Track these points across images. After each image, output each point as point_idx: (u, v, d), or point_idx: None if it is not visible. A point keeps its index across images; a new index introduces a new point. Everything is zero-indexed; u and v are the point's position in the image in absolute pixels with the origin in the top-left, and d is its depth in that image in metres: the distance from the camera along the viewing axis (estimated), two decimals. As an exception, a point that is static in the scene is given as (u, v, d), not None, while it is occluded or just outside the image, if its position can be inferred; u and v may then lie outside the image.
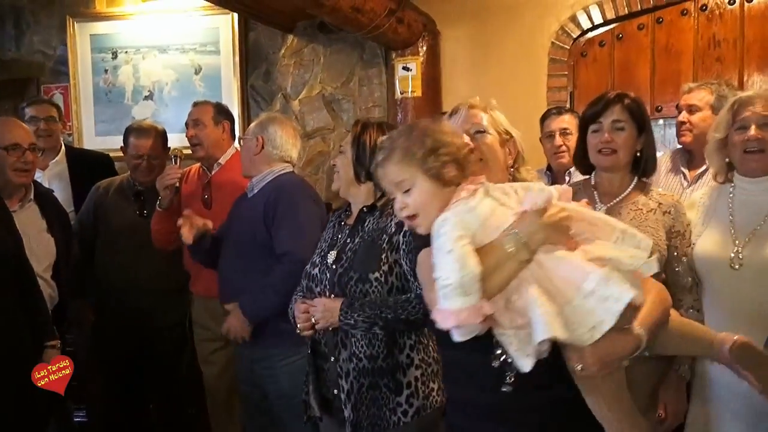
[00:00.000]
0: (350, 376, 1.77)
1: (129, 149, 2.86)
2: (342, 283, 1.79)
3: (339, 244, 1.87)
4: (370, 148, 1.79)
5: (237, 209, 2.40)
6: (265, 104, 3.79)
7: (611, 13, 3.25)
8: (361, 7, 2.75)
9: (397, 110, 3.41)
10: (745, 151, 1.76)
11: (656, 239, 1.80)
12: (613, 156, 1.83)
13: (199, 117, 2.70)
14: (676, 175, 2.48)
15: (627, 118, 1.81)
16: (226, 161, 2.72)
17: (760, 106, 1.74)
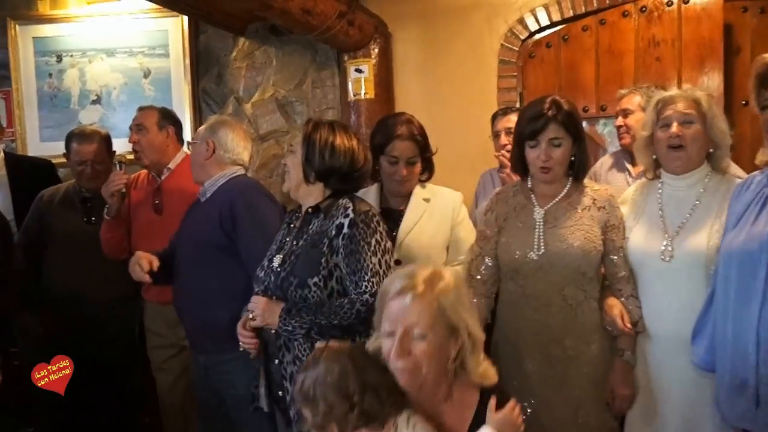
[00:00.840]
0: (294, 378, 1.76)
1: (72, 155, 2.79)
2: (284, 287, 1.77)
3: (286, 248, 1.85)
4: (320, 147, 1.79)
5: (190, 215, 2.35)
6: (218, 107, 3.74)
7: (557, 15, 3.34)
8: (312, 10, 2.75)
9: (351, 112, 3.42)
10: (668, 147, 1.84)
11: (591, 236, 1.90)
12: (552, 172, 1.92)
13: (143, 122, 2.65)
14: (620, 172, 2.60)
15: (564, 134, 1.89)
16: (176, 166, 2.68)
17: (681, 105, 1.82)
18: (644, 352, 1.90)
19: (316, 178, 1.81)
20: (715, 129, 1.82)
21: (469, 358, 1.33)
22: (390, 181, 2.20)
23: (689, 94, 1.85)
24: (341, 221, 1.76)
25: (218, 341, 2.12)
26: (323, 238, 1.77)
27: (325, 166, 1.80)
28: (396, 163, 2.16)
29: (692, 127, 1.82)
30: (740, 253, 1.53)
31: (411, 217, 2.18)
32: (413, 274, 1.33)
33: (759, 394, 1.46)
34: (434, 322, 1.29)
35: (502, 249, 1.98)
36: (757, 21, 3.18)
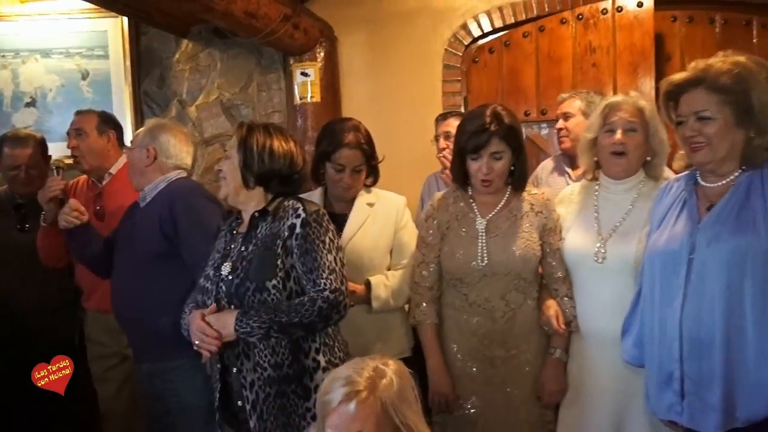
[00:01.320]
0: (255, 386, 1.73)
1: (4, 159, 2.68)
2: (239, 294, 1.73)
3: (233, 254, 1.80)
4: (258, 151, 1.76)
5: (129, 219, 2.29)
6: (160, 110, 3.67)
7: (499, 22, 3.42)
8: (255, 13, 2.73)
9: (297, 115, 3.41)
10: (611, 153, 1.91)
11: (531, 242, 1.97)
12: (493, 185, 1.97)
13: (82, 126, 2.57)
14: (561, 176, 2.68)
15: (505, 148, 1.94)
16: (117, 171, 2.61)
17: (626, 113, 1.89)
18: (578, 349, 1.97)
19: (256, 182, 1.79)
20: (656, 138, 1.90)
21: None
22: (335, 187, 2.20)
23: (635, 102, 1.92)
24: (293, 222, 1.74)
25: (162, 349, 2.07)
26: (276, 240, 1.74)
27: (264, 170, 1.77)
28: (342, 170, 2.15)
29: (635, 135, 1.89)
30: (663, 253, 1.60)
31: (355, 221, 2.19)
32: (353, 379, 1.29)
33: (684, 387, 1.53)
34: (379, 426, 1.27)
35: (446, 257, 2.01)
36: (686, 30, 3.35)
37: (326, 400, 1.30)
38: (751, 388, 1.45)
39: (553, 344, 1.98)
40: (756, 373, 1.44)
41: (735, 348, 1.46)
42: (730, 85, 1.50)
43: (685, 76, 1.57)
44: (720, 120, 1.51)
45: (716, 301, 1.47)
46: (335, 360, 1.80)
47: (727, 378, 1.47)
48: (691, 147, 1.56)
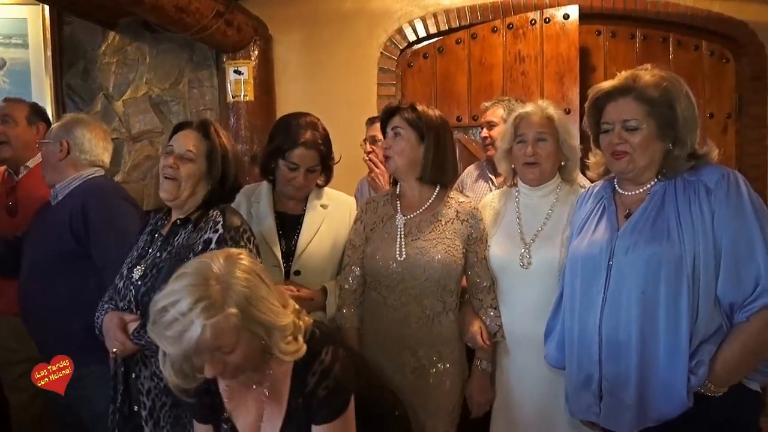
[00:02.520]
0: (151, 393, 1.70)
1: None
2: (144, 302, 1.66)
3: (148, 258, 1.75)
4: (221, 156, 1.75)
5: (39, 218, 2.18)
6: (84, 104, 3.51)
7: (433, 28, 3.48)
8: (186, 7, 2.66)
9: (230, 114, 3.34)
10: (524, 164, 1.97)
11: (453, 250, 1.94)
12: (392, 163, 1.97)
13: (11, 113, 2.45)
14: (485, 182, 2.72)
15: (406, 126, 1.94)
16: (35, 165, 2.49)
17: (536, 124, 1.95)
18: (505, 353, 2.00)
19: (211, 189, 1.75)
20: (566, 144, 1.97)
21: (275, 342, 1.33)
22: (286, 185, 2.07)
23: (544, 111, 1.97)
24: (209, 236, 1.68)
25: (72, 354, 1.92)
26: (189, 253, 1.68)
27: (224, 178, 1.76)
28: (296, 170, 2.03)
29: (545, 145, 1.95)
30: (584, 259, 1.66)
31: (311, 225, 2.09)
32: (201, 294, 1.26)
33: (602, 389, 1.60)
34: (238, 335, 1.29)
35: (367, 258, 1.99)
36: (609, 44, 3.52)
37: (186, 343, 1.25)
38: (662, 388, 1.51)
39: (479, 356, 1.99)
40: (666, 374, 1.50)
41: (649, 350, 1.52)
42: (658, 97, 1.56)
43: (614, 84, 1.62)
44: (645, 130, 1.57)
45: (633, 305, 1.53)
46: None
47: (641, 379, 1.53)
48: (614, 154, 1.61)
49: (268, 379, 1.41)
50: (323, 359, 1.38)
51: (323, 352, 1.39)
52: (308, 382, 1.37)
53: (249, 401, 1.45)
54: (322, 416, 1.37)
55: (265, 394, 1.42)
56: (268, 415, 1.42)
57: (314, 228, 2.09)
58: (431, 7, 3.48)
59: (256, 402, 1.44)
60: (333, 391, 1.37)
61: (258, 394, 1.43)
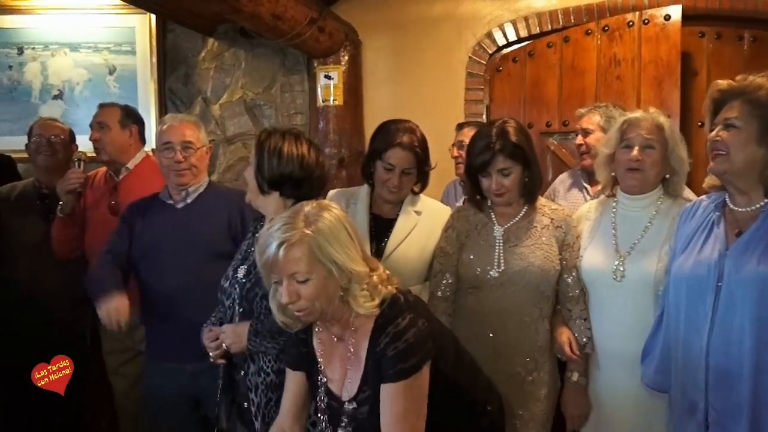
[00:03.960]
0: (259, 389, 1.76)
1: (32, 137, 2.72)
2: (249, 298, 1.75)
3: (251, 258, 1.81)
4: (269, 155, 1.76)
5: (165, 219, 2.23)
6: (184, 107, 3.71)
7: (524, 32, 3.42)
8: (282, 15, 2.75)
9: (319, 118, 3.43)
10: (627, 169, 1.89)
11: (551, 255, 1.94)
12: (506, 197, 1.96)
13: (105, 120, 2.59)
14: (579, 192, 2.64)
15: (511, 164, 1.92)
16: (135, 166, 2.63)
17: (644, 129, 1.87)
18: (595, 367, 1.95)
19: (270, 187, 1.78)
20: (674, 156, 1.88)
21: (352, 289, 1.41)
22: (382, 187, 2.13)
23: (654, 119, 1.89)
24: None
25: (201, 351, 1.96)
26: None
27: (274, 173, 1.76)
28: (391, 170, 2.08)
29: (653, 152, 1.87)
30: (689, 279, 1.57)
31: (402, 228, 2.13)
32: (285, 229, 1.39)
33: (708, 419, 1.51)
34: (311, 264, 1.37)
35: (464, 265, 2.00)
36: (713, 46, 3.32)
37: (265, 258, 1.40)
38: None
39: (570, 368, 1.96)
40: None
41: (764, 381, 1.43)
42: (765, 100, 1.49)
43: (728, 85, 1.56)
44: (744, 131, 1.50)
45: (746, 331, 1.44)
46: None
47: (754, 411, 1.44)
48: (712, 154, 1.55)
49: (352, 336, 1.46)
50: (399, 323, 1.40)
51: (401, 317, 1.41)
52: (380, 342, 1.40)
53: (336, 357, 1.50)
54: (388, 376, 1.39)
55: (350, 350, 1.47)
56: (351, 373, 1.47)
57: (405, 232, 2.13)
58: (522, 10, 3.42)
59: (342, 359, 1.49)
60: (401, 353, 1.38)
61: (344, 351, 1.48)
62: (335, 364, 1.51)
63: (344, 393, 1.48)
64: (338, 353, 1.50)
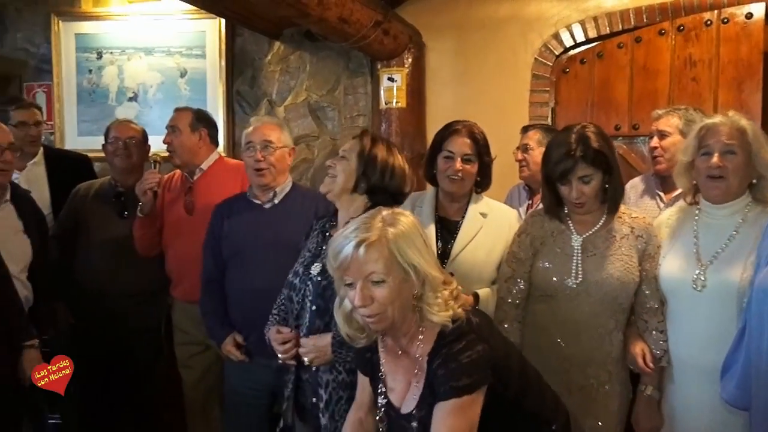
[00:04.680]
0: (329, 386, 1.77)
1: (109, 139, 2.85)
2: (326, 297, 1.76)
3: (324, 256, 1.81)
4: (381, 166, 1.82)
5: (254, 219, 2.31)
6: (250, 109, 3.80)
7: (593, 32, 3.32)
8: (348, 18, 2.78)
9: (381, 120, 3.44)
10: (707, 177, 1.81)
11: (631, 266, 1.88)
12: (586, 206, 1.91)
13: (176, 123, 2.68)
14: (651, 199, 2.51)
15: (593, 171, 1.86)
16: (208, 167, 2.71)
17: (724, 135, 1.79)
18: (669, 380, 1.88)
19: (366, 191, 1.83)
20: (759, 160, 1.78)
21: (426, 296, 1.39)
22: (444, 178, 2.13)
23: (734, 123, 1.80)
24: None
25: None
26: None
27: (382, 184, 1.82)
28: (451, 158, 2.11)
29: (734, 158, 1.78)
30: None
31: (467, 230, 2.13)
32: (362, 230, 1.38)
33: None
34: (389, 266, 1.35)
35: (539, 273, 1.96)
36: (798, 45, 3.13)
37: (341, 259, 1.37)
38: None
39: (644, 381, 1.90)
40: None
41: None
42: None
43: None
44: None
45: None
46: None
47: None
48: None
49: (417, 351, 1.43)
50: (455, 345, 1.37)
51: (461, 339, 1.38)
52: (435, 362, 1.38)
53: (400, 369, 1.49)
54: (440, 394, 1.36)
55: (415, 365, 1.44)
56: (414, 388, 1.45)
57: (471, 234, 2.12)
58: (591, 10, 3.33)
59: (405, 372, 1.47)
60: (453, 372, 1.35)
61: (408, 364, 1.46)
62: (398, 375, 1.49)
63: (404, 406, 1.46)
64: (402, 365, 1.48)
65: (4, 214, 2.37)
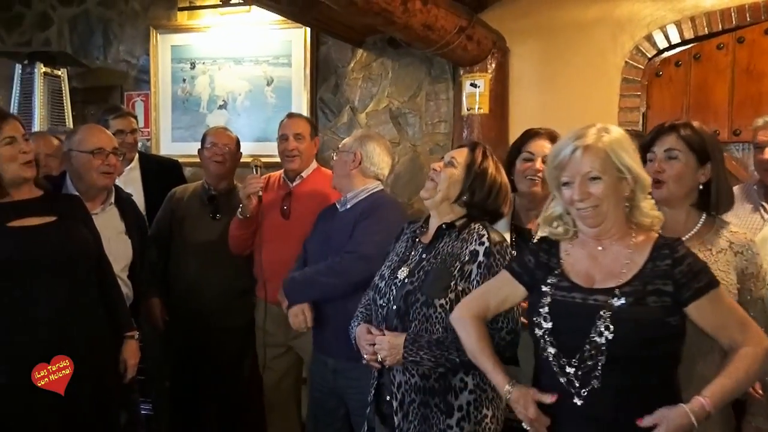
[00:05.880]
0: (402, 387, 1.78)
1: (206, 145, 2.97)
2: (408, 302, 1.77)
3: (412, 261, 1.85)
4: (490, 183, 1.82)
5: (326, 221, 2.42)
6: (333, 116, 3.87)
7: (689, 33, 3.15)
8: (433, 25, 2.77)
9: (463, 126, 3.41)
10: None
11: (726, 283, 1.69)
12: (665, 189, 1.73)
13: (301, 131, 2.76)
14: (754, 211, 2.30)
15: (683, 148, 1.71)
16: (308, 175, 2.78)
17: None
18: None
19: (466, 204, 1.83)
20: None
21: (639, 197, 1.50)
22: (523, 179, 2.11)
23: None
24: (475, 248, 1.76)
25: (349, 347, 2.00)
26: (455, 261, 1.76)
27: (485, 202, 1.83)
28: (531, 159, 2.10)
29: None
30: None
31: None
32: (580, 135, 1.49)
33: None
34: (605, 166, 1.45)
35: None
36: None
37: (559, 159, 1.49)
38: None
39: (751, 410, 1.76)
40: None
41: None
42: None
43: None
44: None
45: None
46: (483, 384, 1.77)
47: None
48: None
49: (626, 250, 1.50)
50: (679, 248, 1.48)
51: (680, 244, 1.50)
52: (661, 264, 1.45)
53: (596, 266, 1.52)
54: (688, 297, 1.44)
55: (618, 263, 1.49)
56: (609, 279, 1.48)
57: None
58: (688, 10, 3.16)
59: (600, 268, 1.51)
60: (690, 274, 1.44)
61: (608, 262, 1.51)
62: (588, 269, 1.53)
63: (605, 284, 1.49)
64: (600, 263, 1.52)
65: (109, 215, 2.51)
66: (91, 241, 2.20)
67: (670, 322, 1.43)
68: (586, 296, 1.48)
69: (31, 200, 2.09)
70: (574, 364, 1.44)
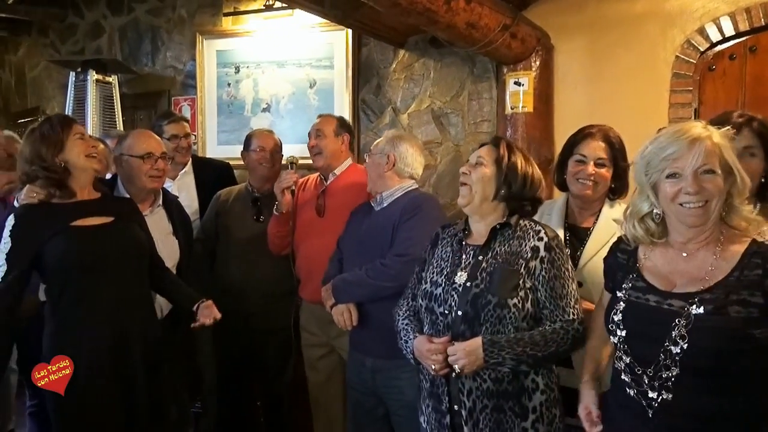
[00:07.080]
0: (473, 394, 1.74)
1: (251, 148, 3.02)
2: (477, 305, 1.72)
3: (468, 264, 1.81)
4: (522, 174, 1.81)
5: (361, 221, 2.43)
6: (375, 117, 3.88)
7: (744, 25, 3.02)
8: (476, 24, 2.74)
9: (507, 125, 3.36)
10: None
11: None
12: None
13: (322, 128, 2.79)
14: None
15: (757, 144, 1.69)
16: (341, 172, 2.79)
17: None
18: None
19: (505, 199, 1.82)
20: None
21: (738, 199, 1.43)
22: (574, 182, 2.08)
23: None
24: (535, 244, 1.75)
25: (394, 346, 2.00)
26: (517, 259, 1.75)
27: (521, 192, 1.82)
28: (583, 162, 2.07)
29: None
30: None
31: (598, 238, 2.03)
32: (690, 132, 1.42)
33: None
34: (719, 162, 1.40)
35: None
36: None
37: (671, 148, 1.41)
38: None
39: None
40: None
41: None
42: None
43: None
44: None
45: None
46: (551, 384, 1.77)
47: None
48: None
49: (715, 254, 1.43)
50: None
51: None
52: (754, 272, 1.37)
53: (677, 270, 1.46)
54: None
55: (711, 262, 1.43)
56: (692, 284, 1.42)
57: (602, 242, 2.00)
58: (743, 1, 3.03)
59: (682, 273, 1.45)
60: None
61: (692, 267, 1.45)
62: (670, 274, 1.47)
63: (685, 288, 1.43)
64: (683, 267, 1.46)
65: (158, 217, 2.59)
66: (145, 241, 2.31)
67: (754, 334, 1.32)
68: (661, 300, 1.42)
69: (91, 201, 2.21)
70: (649, 373, 1.38)
